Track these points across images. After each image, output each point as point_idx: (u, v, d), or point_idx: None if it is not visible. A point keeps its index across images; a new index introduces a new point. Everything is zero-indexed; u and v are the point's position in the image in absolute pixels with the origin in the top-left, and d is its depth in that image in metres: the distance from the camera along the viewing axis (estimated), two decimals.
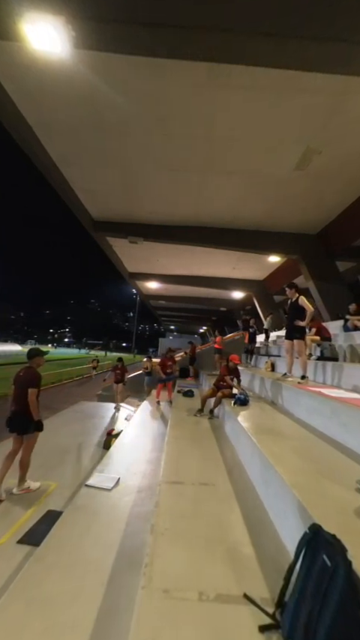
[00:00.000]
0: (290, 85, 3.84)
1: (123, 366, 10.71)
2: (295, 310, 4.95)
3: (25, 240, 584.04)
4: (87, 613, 1.82)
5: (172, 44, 3.18)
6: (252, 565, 1.77)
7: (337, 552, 1.20)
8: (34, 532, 3.30)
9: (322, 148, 5.03)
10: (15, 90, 4.28)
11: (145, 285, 16.60)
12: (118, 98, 4.25)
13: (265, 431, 3.30)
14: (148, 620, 1.41)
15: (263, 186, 6.36)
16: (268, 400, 5.26)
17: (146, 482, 3.60)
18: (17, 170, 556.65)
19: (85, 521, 2.76)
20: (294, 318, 4.94)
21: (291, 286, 5.07)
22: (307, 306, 4.85)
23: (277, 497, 2.18)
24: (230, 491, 2.67)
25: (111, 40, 3.19)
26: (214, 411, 5.26)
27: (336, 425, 3.02)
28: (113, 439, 5.74)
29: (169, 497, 2.49)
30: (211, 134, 4.91)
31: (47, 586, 2.01)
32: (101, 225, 8.65)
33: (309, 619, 1.17)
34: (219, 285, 14.71)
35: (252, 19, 2.86)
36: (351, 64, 3.24)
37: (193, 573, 1.69)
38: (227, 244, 8.88)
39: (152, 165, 5.91)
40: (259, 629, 1.33)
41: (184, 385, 9.18)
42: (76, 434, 7.64)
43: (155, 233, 8.65)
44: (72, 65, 3.74)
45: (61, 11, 2.89)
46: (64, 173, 6.38)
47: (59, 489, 4.48)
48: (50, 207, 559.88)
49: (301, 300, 4.92)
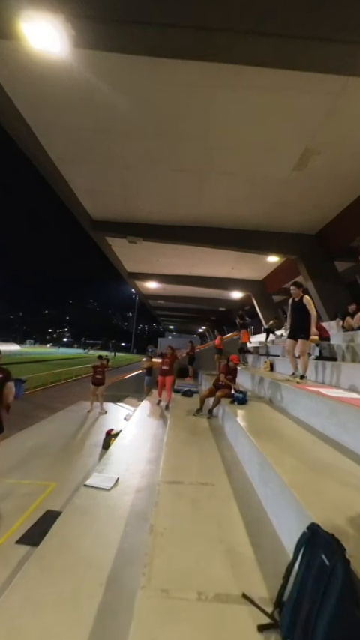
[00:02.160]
0: (290, 85, 3.84)
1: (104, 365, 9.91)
2: (300, 310, 4.91)
3: (24, 239, 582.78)
4: (86, 613, 1.82)
5: (173, 44, 3.18)
6: (251, 564, 1.78)
7: (336, 551, 1.21)
8: (33, 532, 3.30)
9: (321, 148, 5.03)
10: (14, 89, 4.27)
11: (144, 285, 16.59)
12: (117, 98, 4.24)
13: (263, 431, 3.31)
14: (147, 619, 1.41)
15: (262, 187, 6.37)
16: (267, 400, 5.27)
17: (145, 482, 3.60)
18: (16, 169, 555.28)
19: (84, 521, 2.76)
20: (299, 317, 4.91)
21: (298, 285, 4.94)
22: (311, 308, 4.75)
23: (276, 497, 2.19)
24: (229, 490, 2.67)
25: (111, 39, 3.19)
26: (213, 410, 5.26)
27: (335, 425, 3.03)
28: (112, 439, 5.73)
29: (168, 497, 2.49)
30: (210, 134, 4.91)
31: (46, 586, 2.00)
32: (100, 224, 8.64)
33: (308, 618, 1.18)
34: (218, 285, 14.71)
35: (252, 19, 2.86)
36: (352, 64, 3.25)
37: (192, 573, 1.69)
38: (226, 244, 8.88)
39: (151, 165, 5.91)
40: (258, 628, 1.34)
41: (183, 385, 9.18)
42: (75, 434, 7.64)
43: (154, 233, 8.65)
44: (71, 64, 3.73)
45: (61, 9, 2.88)
46: (63, 172, 6.36)
47: (58, 489, 4.48)
48: (50, 207, 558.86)
49: (305, 300, 4.82)
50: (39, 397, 13.48)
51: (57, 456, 5.92)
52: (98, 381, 9.71)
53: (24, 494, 4.31)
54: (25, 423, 8.19)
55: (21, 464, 5.41)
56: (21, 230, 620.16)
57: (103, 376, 9.76)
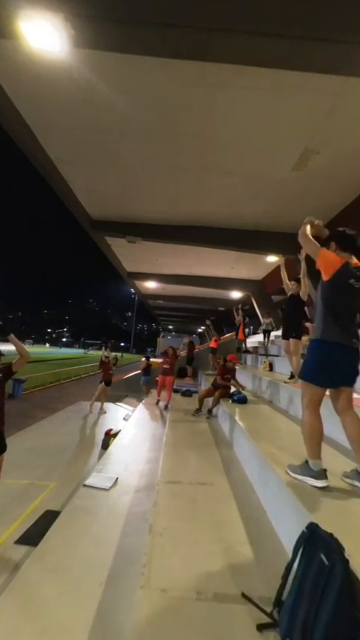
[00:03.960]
0: (289, 84, 3.85)
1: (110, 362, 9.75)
2: (292, 308, 4.89)
3: (24, 239, 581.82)
4: (85, 613, 1.81)
5: (173, 44, 3.17)
6: (250, 564, 1.78)
7: (335, 551, 1.21)
8: (32, 532, 3.30)
9: (321, 148, 5.04)
10: (13, 89, 4.26)
11: (143, 285, 16.58)
12: (117, 97, 4.24)
13: (263, 431, 3.31)
14: (146, 619, 1.41)
15: (262, 186, 6.36)
16: (267, 400, 5.27)
17: (144, 481, 3.60)
18: (16, 169, 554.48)
19: (84, 521, 2.75)
20: (290, 315, 4.90)
21: (299, 282, 4.73)
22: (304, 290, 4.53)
23: (275, 497, 2.19)
24: (228, 490, 2.68)
25: (111, 38, 3.18)
26: (212, 410, 5.27)
27: (334, 424, 3.02)
28: (112, 439, 5.73)
29: (168, 497, 2.50)
30: (209, 134, 4.90)
31: (45, 586, 2.00)
32: (99, 224, 8.63)
33: (306, 617, 1.18)
34: (217, 285, 14.71)
35: (252, 19, 2.86)
36: (350, 64, 3.25)
37: (191, 573, 1.70)
38: (226, 244, 8.87)
39: (150, 165, 5.90)
40: (257, 627, 1.34)
41: (182, 385, 9.19)
42: (74, 434, 7.64)
43: (154, 233, 8.64)
44: (70, 64, 3.72)
45: (60, 9, 2.87)
46: (62, 172, 6.35)
47: (57, 489, 4.48)
48: (49, 207, 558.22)
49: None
50: (38, 397, 13.47)
51: (56, 456, 5.92)
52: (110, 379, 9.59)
53: (23, 494, 4.31)
54: (25, 423, 8.18)
55: (20, 464, 5.40)
56: (21, 230, 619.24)
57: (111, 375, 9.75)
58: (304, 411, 2.05)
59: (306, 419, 2.03)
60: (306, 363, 2.11)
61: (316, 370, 2.02)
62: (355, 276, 1.94)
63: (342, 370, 1.97)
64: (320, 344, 2.01)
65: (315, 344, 2.06)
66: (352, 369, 1.99)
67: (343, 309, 1.98)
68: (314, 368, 2.03)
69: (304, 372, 2.09)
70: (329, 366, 1.97)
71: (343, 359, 1.95)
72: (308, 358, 2.11)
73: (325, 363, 1.98)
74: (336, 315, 1.98)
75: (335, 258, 2.00)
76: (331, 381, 2.01)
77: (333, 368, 1.96)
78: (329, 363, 1.97)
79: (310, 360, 2.08)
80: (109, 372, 9.72)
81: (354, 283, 1.93)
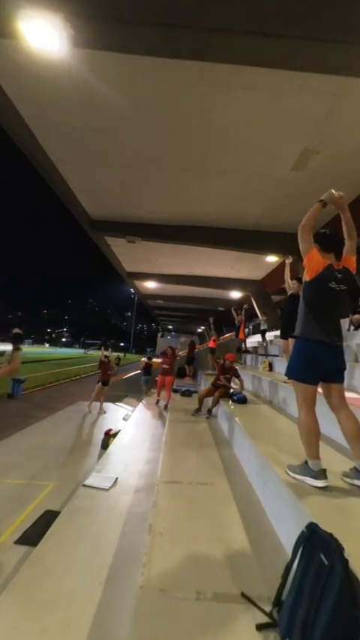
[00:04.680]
0: (289, 85, 3.85)
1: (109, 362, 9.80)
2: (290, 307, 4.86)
3: (24, 239, 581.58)
4: (85, 613, 1.81)
5: (173, 44, 3.17)
6: (249, 564, 1.78)
7: (334, 551, 1.21)
8: (32, 532, 3.30)
9: (320, 148, 5.04)
10: (13, 89, 4.26)
11: (143, 285, 16.58)
12: (116, 97, 4.24)
13: (262, 430, 3.31)
14: (146, 619, 1.41)
15: (262, 186, 6.36)
16: (266, 400, 5.28)
17: (144, 481, 3.60)
18: (16, 169, 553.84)
19: (83, 521, 2.75)
20: (289, 315, 4.88)
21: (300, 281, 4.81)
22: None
23: (275, 497, 2.19)
24: (228, 490, 2.68)
25: (111, 38, 3.18)
26: (212, 410, 5.27)
27: (333, 424, 3.02)
28: (111, 439, 5.73)
29: (167, 497, 2.50)
30: (209, 134, 4.90)
31: (45, 586, 2.00)
32: (99, 224, 8.62)
33: (306, 617, 1.18)
34: (217, 285, 14.71)
35: (252, 19, 2.86)
36: (350, 64, 3.25)
37: (190, 572, 1.70)
38: (225, 244, 8.87)
39: (150, 165, 5.90)
40: (257, 627, 1.34)
41: (182, 385, 9.19)
42: (74, 434, 7.63)
43: (153, 232, 8.64)
44: (70, 64, 3.71)
45: (60, 8, 2.87)
46: (62, 172, 6.35)
47: (57, 489, 4.48)
48: (49, 207, 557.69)
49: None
50: (38, 397, 13.46)
51: (56, 456, 5.91)
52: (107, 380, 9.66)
53: (23, 494, 4.31)
54: (24, 423, 8.18)
55: (20, 464, 5.40)
56: (21, 230, 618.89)
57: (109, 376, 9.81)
58: (300, 410, 2.08)
59: (302, 418, 2.06)
60: (291, 361, 2.16)
61: (301, 368, 2.08)
62: (336, 279, 2.00)
63: (326, 367, 2.02)
64: (303, 342, 2.08)
65: (298, 342, 2.12)
66: (336, 366, 2.05)
67: (323, 309, 2.05)
68: (299, 366, 2.09)
69: (290, 370, 2.15)
70: (314, 364, 2.02)
71: (327, 357, 2.01)
72: (293, 356, 2.16)
73: (309, 361, 2.04)
74: (315, 313, 2.05)
75: (320, 260, 2.05)
76: (316, 378, 2.05)
77: (317, 366, 2.02)
78: (314, 362, 2.02)
79: (294, 358, 2.13)
80: (107, 372, 9.81)
81: (335, 286, 1.99)
